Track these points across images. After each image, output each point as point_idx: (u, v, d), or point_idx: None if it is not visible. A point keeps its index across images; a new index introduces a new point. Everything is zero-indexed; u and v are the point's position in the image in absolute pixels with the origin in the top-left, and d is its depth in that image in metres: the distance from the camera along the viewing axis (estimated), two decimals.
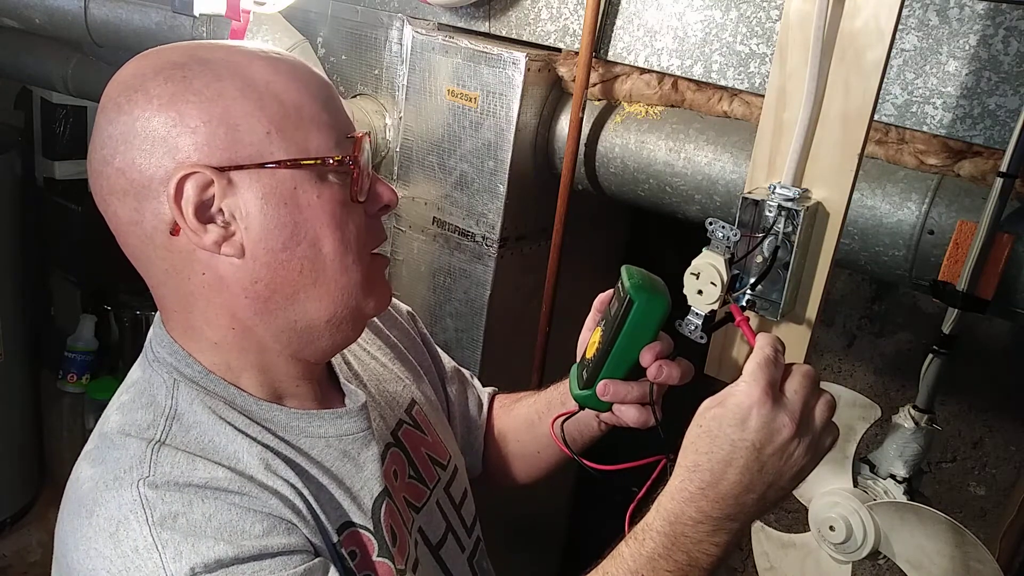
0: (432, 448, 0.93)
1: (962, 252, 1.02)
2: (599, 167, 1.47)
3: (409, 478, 0.87)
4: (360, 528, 0.75)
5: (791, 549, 1.28)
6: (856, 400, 1.16)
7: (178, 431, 0.70)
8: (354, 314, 0.75)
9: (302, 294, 0.71)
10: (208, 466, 0.68)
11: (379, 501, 0.77)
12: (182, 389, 0.72)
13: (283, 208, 0.68)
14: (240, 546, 0.64)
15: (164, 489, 0.65)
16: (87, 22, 2.04)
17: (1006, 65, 1.04)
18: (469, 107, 1.50)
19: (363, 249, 0.73)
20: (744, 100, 1.30)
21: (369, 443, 0.79)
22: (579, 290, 1.83)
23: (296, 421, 0.75)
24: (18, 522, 2.80)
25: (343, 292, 0.72)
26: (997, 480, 1.73)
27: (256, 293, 0.70)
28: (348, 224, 0.72)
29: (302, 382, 0.78)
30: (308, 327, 0.73)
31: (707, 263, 0.84)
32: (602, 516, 2.01)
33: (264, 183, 0.67)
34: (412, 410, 0.93)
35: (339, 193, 0.70)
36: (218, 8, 1.65)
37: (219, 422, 0.71)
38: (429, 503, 0.89)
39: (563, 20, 1.45)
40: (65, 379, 2.91)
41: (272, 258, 0.69)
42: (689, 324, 0.85)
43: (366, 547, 0.75)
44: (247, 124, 0.67)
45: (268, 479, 0.69)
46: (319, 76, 0.73)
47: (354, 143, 0.71)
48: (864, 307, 1.83)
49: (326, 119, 0.70)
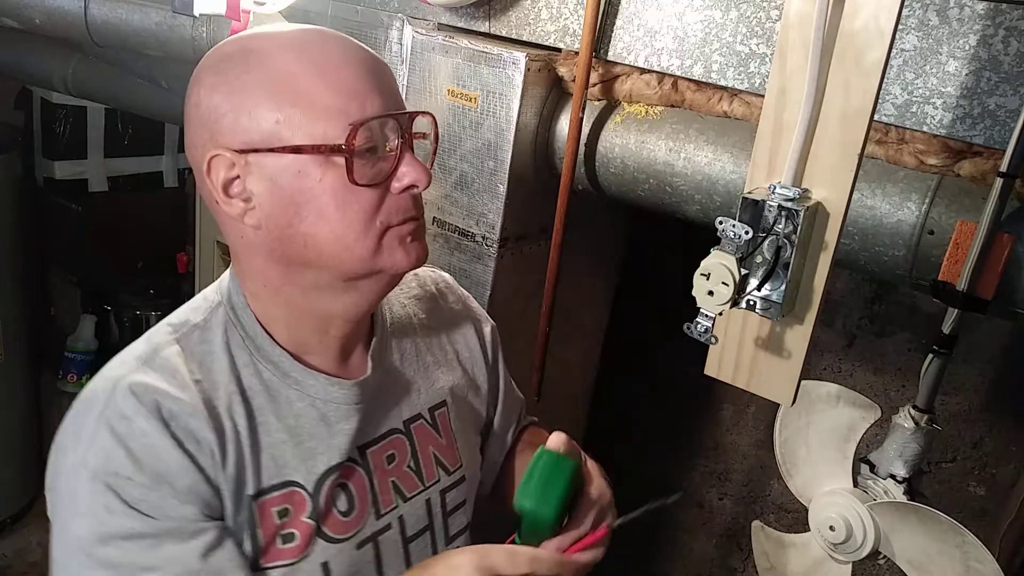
0: (442, 451, 0.96)
1: (962, 252, 1.02)
2: (599, 167, 1.47)
3: (407, 468, 0.92)
4: (299, 487, 0.81)
5: (791, 549, 1.28)
6: (856, 400, 1.16)
7: (196, 338, 0.82)
8: (372, 274, 0.80)
9: (318, 260, 0.78)
10: (183, 384, 0.77)
11: (332, 471, 0.83)
12: (220, 312, 0.84)
13: (288, 189, 0.75)
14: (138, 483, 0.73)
15: (129, 398, 0.74)
16: (87, 22, 2.03)
17: (1006, 65, 1.04)
18: (469, 107, 1.50)
19: (370, 225, 0.77)
20: (744, 100, 1.30)
21: (350, 416, 0.85)
22: (579, 290, 1.84)
23: (297, 373, 0.83)
24: (18, 522, 2.81)
25: (355, 260, 0.78)
26: (997, 480, 1.73)
27: (276, 259, 0.80)
28: (352, 204, 0.76)
29: (326, 339, 0.85)
30: (329, 283, 0.80)
31: (718, 263, 0.83)
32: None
33: (273, 166, 0.75)
34: (437, 411, 0.97)
35: (342, 176, 0.75)
36: (218, 8, 1.65)
37: (224, 351, 0.81)
38: (419, 498, 0.92)
39: (563, 20, 1.45)
40: (65, 379, 2.92)
41: (281, 232, 0.77)
42: (699, 326, 0.85)
43: (299, 507, 0.81)
44: (261, 113, 0.74)
45: (220, 416, 0.78)
46: (349, 61, 0.77)
47: (352, 131, 0.74)
48: (864, 307, 1.83)
49: (337, 107, 0.75)
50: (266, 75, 0.75)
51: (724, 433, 2.12)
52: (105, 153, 2.96)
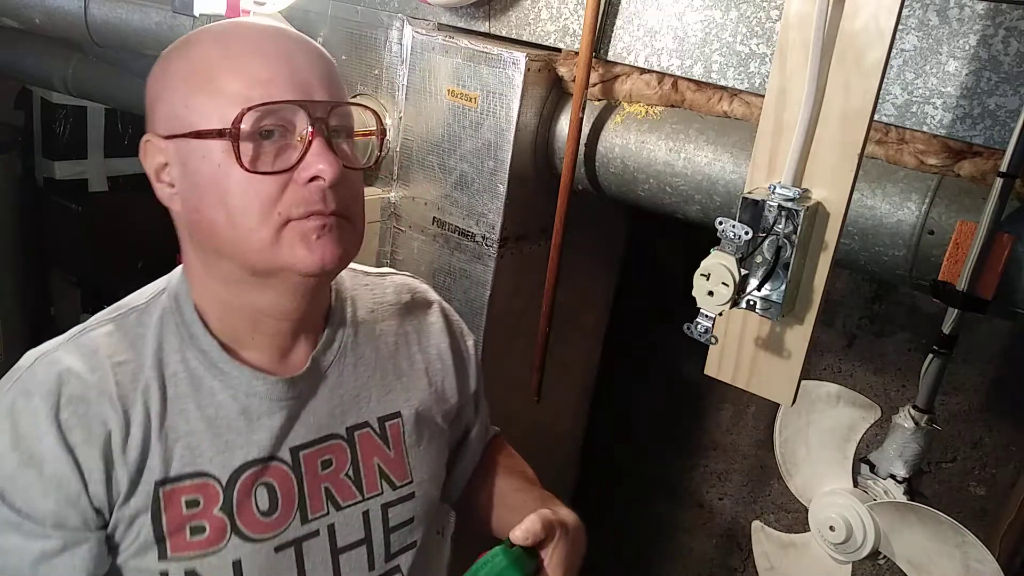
0: (388, 463, 0.91)
1: (962, 252, 1.02)
2: (599, 167, 1.47)
3: (345, 476, 0.88)
4: (212, 479, 0.80)
5: (791, 549, 1.28)
6: (856, 400, 1.16)
7: (133, 320, 0.82)
8: (275, 270, 0.78)
9: (223, 249, 0.78)
10: (96, 366, 0.77)
11: (250, 466, 0.81)
12: (163, 298, 0.84)
13: (195, 174, 0.76)
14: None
15: (38, 375, 0.76)
16: (87, 22, 2.03)
17: (1006, 65, 1.04)
18: (469, 107, 1.50)
19: (268, 214, 0.75)
20: (744, 100, 1.30)
21: (274, 413, 0.83)
22: (579, 290, 1.84)
23: (223, 364, 0.82)
24: None
25: (252, 252, 0.77)
26: (997, 480, 1.73)
27: (195, 247, 0.81)
28: (249, 192, 0.75)
29: (259, 336, 0.83)
30: (241, 277, 0.80)
31: (718, 263, 0.83)
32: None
33: (184, 150, 0.77)
34: (388, 422, 0.92)
35: (234, 162, 0.74)
36: (218, 8, 1.65)
37: (155, 336, 0.81)
38: (354, 508, 0.88)
39: (563, 20, 1.45)
40: None
41: (191, 216, 0.79)
42: (699, 326, 0.85)
43: (211, 499, 0.79)
44: (177, 99, 0.76)
45: (132, 400, 0.78)
46: (262, 50, 0.76)
47: (239, 115, 0.73)
48: (864, 307, 1.83)
49: (238, 93, 0.74)
50: (188, 63, 0.77)
51: (724, 433, 2.12)
52: (105, 153, 2.95)
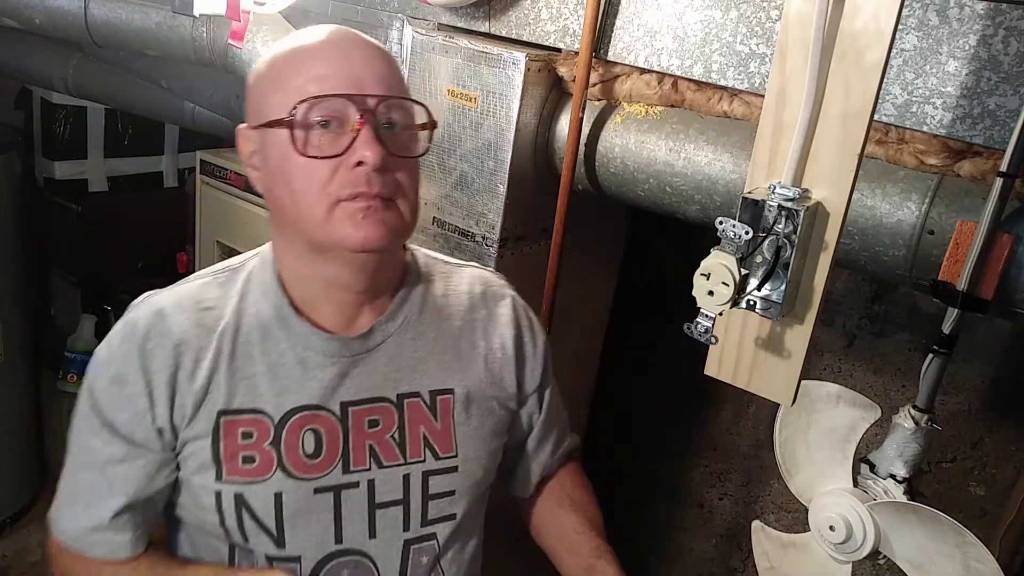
0: (434, 434, 0.97)
1: (962, 252, 1.02)
2: (599, 167, 1.47)
3: (390, 438, 0.95)
4: (266, 416, 0.90)
5: (791, 549, 1.28)
6: (856, 400, 1.16)
7: (225, 277, 0.96)
8: (330, 245, 0.87)
9: (290, 225, 0.88)
10: (188, 308, 0.91)
11: (300, 410, 0.91)
12: (255, 260, 0.97)
13: (270, 158, 0.87)
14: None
15: (142, 310, 0.91)
16: (87, 22, 2.03)
17: (1006, 65, 1.04)
18: (469, 107, 1.50)
19: (321, 194, 0.84)
20: (744, 100, 1.30)
21: (326, 367, 0.92)
22: (579, 290, 1.84)
23: (289, 319, 0.92)
24: (18, 522, 2.80)
25: (310, 228, 0.86)
26: (997, 480, 1.73)
27: (275, 223, 0.93)
28: (308, 174, 0.84)
29: (328, 303, 0.93)
30: (307, 250, 0.89)
31: (718, 263, 0.83)
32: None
33: (262, 139, 0.88)
34: (439, 396, 0.98)
35: (292, 149, 0.84)
36: (218, 8, 1.65)
37: (239, 290, 0.93)
38: (395, 470, 0.95)
39: (563, 20, 1.45)
40: (65, 379, 2.91)
41: (270, 196, 0.90)
42: (699, 326, 0.85)
43: (263, 433, 0.90)
44: (259, 95, 0.89)
45: (210, 338, 0.90)
46: (323, 51, 0.87)
47: (295, 106, 0.83)
48: (864, 307, 1.83)
49: (301, 88, 0.84)
50: (270, 64, 0.89)
51: (724, 433, 2.12)
52: (105, 153, 2.95)
